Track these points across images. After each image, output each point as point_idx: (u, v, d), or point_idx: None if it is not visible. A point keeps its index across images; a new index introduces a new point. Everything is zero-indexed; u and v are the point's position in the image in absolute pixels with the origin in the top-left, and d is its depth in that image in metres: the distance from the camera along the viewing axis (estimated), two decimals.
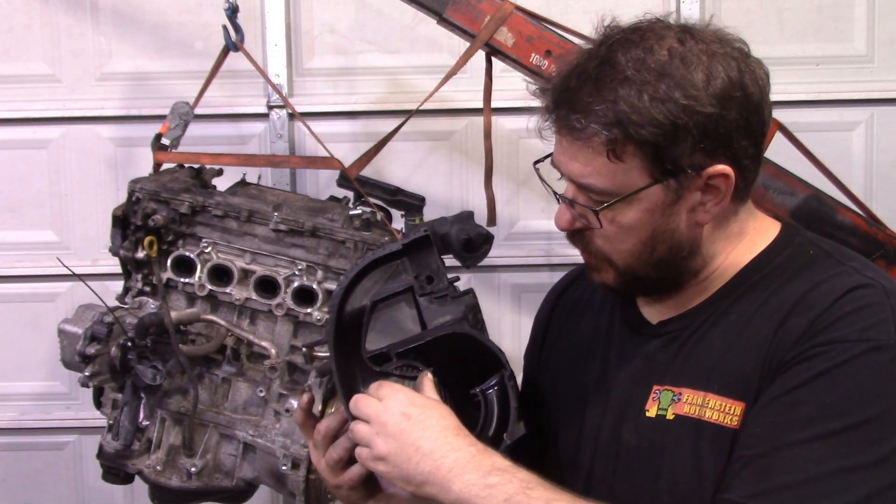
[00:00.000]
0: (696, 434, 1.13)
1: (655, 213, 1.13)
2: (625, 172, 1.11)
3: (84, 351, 1.99)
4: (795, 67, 2.84)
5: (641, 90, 1.07)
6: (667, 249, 1.16)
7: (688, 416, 1.14)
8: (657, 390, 1.19)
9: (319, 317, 1.97)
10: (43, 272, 2.89)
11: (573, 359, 1.37)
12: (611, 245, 1.17)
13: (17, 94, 2.88)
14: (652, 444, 1.18)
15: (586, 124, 1.10)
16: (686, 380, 1.17)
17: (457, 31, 2.21)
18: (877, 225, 2.28)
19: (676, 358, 1.20)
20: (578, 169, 1.15)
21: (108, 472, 2.08)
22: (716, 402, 1.12)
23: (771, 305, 1.14)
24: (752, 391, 1.10)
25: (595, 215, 1.14)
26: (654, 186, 1.11)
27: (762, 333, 1.12)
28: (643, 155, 1.09)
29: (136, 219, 2.04)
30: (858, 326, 1.06)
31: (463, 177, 2.90)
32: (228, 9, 2.28)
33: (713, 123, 1.09)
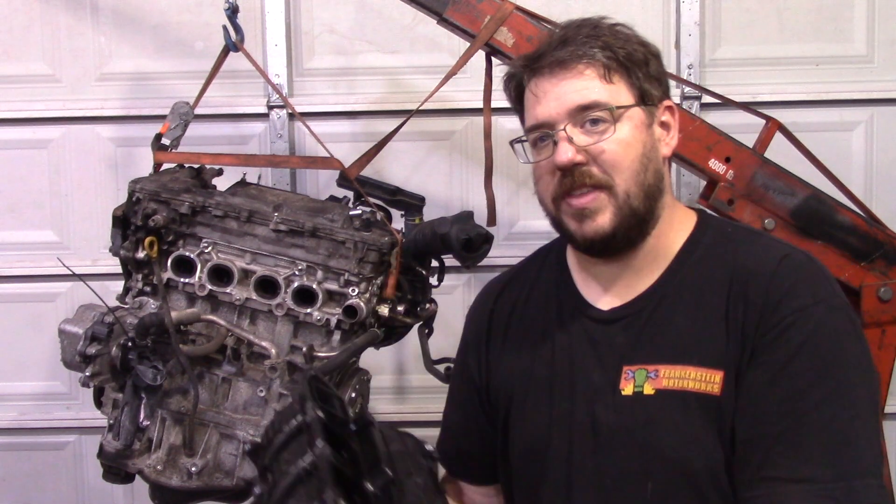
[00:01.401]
0: (682, 404, 1.24)
1: (643, 131, 1.34)
2: (617, 92, 1.33)
3: (84, 351, 2.00)
4: (795, 67, 2.85)
5: (617, 35, 1.37)
6: (654, 173, 1.33)
7: (669, 389, 1.26)
8: (629, 370, 1.30)
9: (319, 317, 1.97)
10: (43, 272, 2.89)
11: (526, 352, 1.44)
12: (616, 164, 1.31)
13: (17, 94, 2.88)
14: (634, 420, 1.28)
15: (586, 51, 1.32)
16: (658, 357, 1.28)
17: (457, 31, 2.21)
18: (877, 225, 2.28)
19: (640, 339, 1.31)
20: (578, 94, 1.32)
21: (108, 472, 2.08)
22: (695, 373, 1.24)
23: (716, 279, 1.29)
24: (728, 359, 1.23)
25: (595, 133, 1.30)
26: (638, 107, 1.34)
27: (718, 305, 1.27)
28: (626, 80, 1.34)
29: (136, 219, 2.04)
30: (809, 291, 1.24)
31: (463, 177, 2.90)
32: (228, 9, 2.28)
33: (659, 68, 1.39)
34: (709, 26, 2.84)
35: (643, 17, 2.85)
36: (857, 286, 2.23)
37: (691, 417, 1.24)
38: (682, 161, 2.24)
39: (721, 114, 2.68)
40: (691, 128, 2.19)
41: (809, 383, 1.19)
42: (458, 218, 2.06)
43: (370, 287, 1.98)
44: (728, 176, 2.20)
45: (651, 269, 1.36)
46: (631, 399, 1.29)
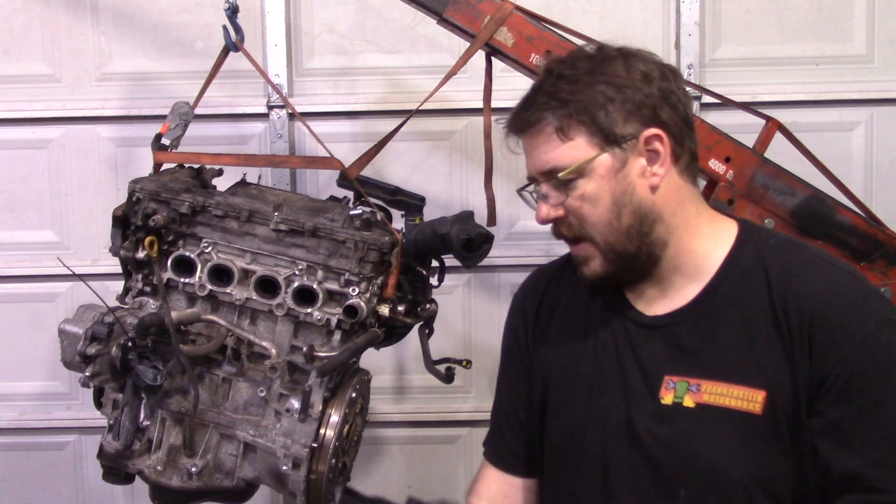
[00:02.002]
0: (721, 419, 1.26)
1: (609, 180, 1.31)
2: (575, 148, 1.31)
3: (84, 351, 1.99)
4: (795, 67, 2.85)
5: (574, 81, 1.32)
6: (631, 215, 1.32)
7: (710, 405, 1.27)
8: (670, 380, 1.31)
9: (320, 317, 1.97)
10: (43, 272, 2.89)
11: (568, 342, 1.46)
12: (585, 221, 1.32)
13: (17, 94, 2.88)
14: (671, 429, 1.30)
15: (536, 115, 1.32)
16: (701, 371, 1.29)
17: (457, 31, 2.21)
18: (877, 225, 2.28)
19: (682, 351, 1.32)
20: (540, 159, 1.33)
21: (108, 472, 2.08)
22: (738, 391, 1.26)
23: (761, 297, 1.28)
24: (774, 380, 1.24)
25: (561, 190, 1.31)
26: (601, 155, 1.30)
27: (763, 324, 1.26)
28: (585, 129, 1.30)
29: (136, 219, 2.04)
30: (868, 314, 1.25)
31: (463, 177, 2.90)
32: (228, 9, 2.28)
33: (638, 96, 1.32)
34: (709, 26, 2.85)
35: (643, 17, 2.85)
36: None
37: (729, 433, 1.26)
38: None
39: (721, 114, 2.68)
40: None
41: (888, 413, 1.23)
42: (459, 218, 2.06)
43: (370, 287, 1.98)
44: (728, 176, 2.21)
45: (691, 282, 1.36)
46: (670, 409, 1.31)
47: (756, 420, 1.26)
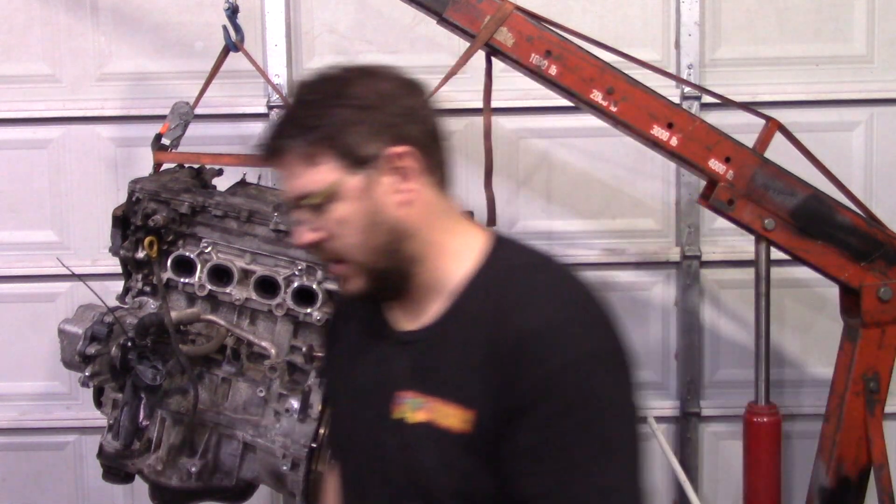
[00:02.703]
0: (439, 436, 1.30)
1: (360, 202, 1.32)
2: (323, 173, 1.30)
3: (84, 351, 1.99)
4: (795, 67, 2.85)
5: (316, 106, 1.33)
6: (384, 234, 1.33)
7: (431, 422, 1.32)
8: (404, 396, 1.35)
9: (319, 317, 1.97)
10: (43, 272, 2.89)
11: (344, 361, 1.52)
12: (340, 243, 1.33)
13: (18, 94, 2.88)
14: (398, 442, 1.35)
15: (281, 143, 1.32)
16: (430, 389, 1.33)
17: (457, 31, 2.21)
18: (877, 225, 2.28)
19: (418, 367, 1.36)
20: (291, 186, 1.33)
21: (108, 472, 2.08)
22: (454, 410, 1.29)
23: (486, 321, 1.30)
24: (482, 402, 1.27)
25: (314, 215, 1.32)
26: (349, 178, 1.31)
27: (485, 346, 1.29)
28: (331, 154, 1.30)
29: (136, 219, 2.04)
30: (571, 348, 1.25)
31: (463, 177, 2.89)
32: (228, 9, 2.28)
33: (381, 116, 1.32)
34: (709, 26, 2.84)
35: (643, 17, 2.85)
36: (857, 286, 2.23)
37: (444, 449, 1.31)
38: (682, 161, 2.24)
39: (721, 114, 2.68)
40: (691, 128, 2.19)
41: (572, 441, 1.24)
42: None
43: None
44: (728, 176, 2.20)
45: (437, 300, 1.37)
46: (399, 423, 1.35)
47: (465, 439, 1.28)
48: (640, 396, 1.29)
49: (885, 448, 2.29)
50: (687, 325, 2.91)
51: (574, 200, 2.90)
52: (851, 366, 2.28)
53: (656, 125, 2.18)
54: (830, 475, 2.31)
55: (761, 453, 2.35)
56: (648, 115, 2.18)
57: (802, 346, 2.92)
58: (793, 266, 2.44)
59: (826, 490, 2.33)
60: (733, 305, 2.90)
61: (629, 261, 2.90)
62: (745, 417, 2.37)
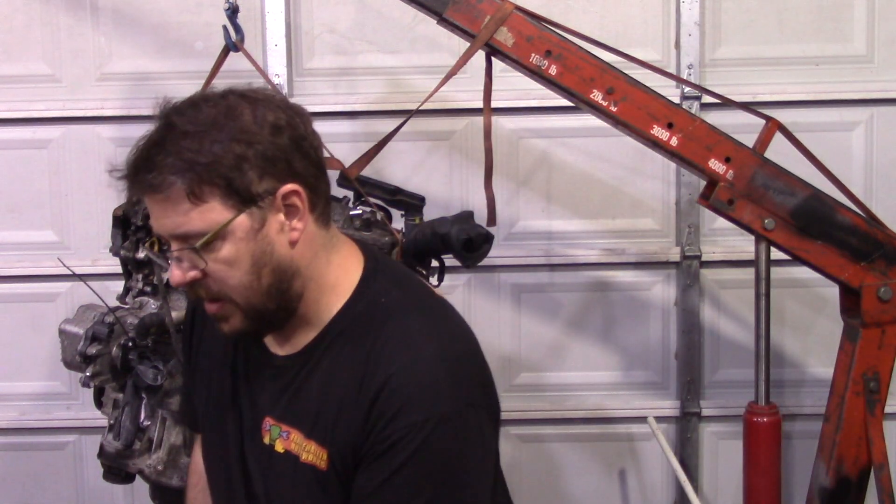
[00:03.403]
0: (295, 469, 1.31)
1: (249, 242, 1.24)
2: (209, 211, 1.22)
3: (85, 351, 1.99)
4: (795, 67, 2.85)
5: (201, 138, 1.22)
6: (271, 274, 1.27)
7: (291, 453, 1.32)
8: (268, 422, 1.35)
9: None
10: (43, 272, 2.89)
11: (211, 369, 1.48)
12: (224, 284, 1.26)
13: (18, 94, 2.88)
14: (266, 469, 1.36)
15: (162, 178, 1.21)
16: (291, 419, 1.33)
17: (457, 31, 2.21)
18: (877, 225, 2.28)
19: (284, 396, 1.34)
20: (171, 223, 1.24)
21: (108, 472, 2.08)
22: (311, 446, 1.30)
23: (353, 360, 1.28)
24: (336, 441, 1.28)
25: (198, 256, 1.24)
26: (238, 217, 1.23)
27: (346, 389, 1.28)
28: (219, 191, 1.22)
29: (136, 219, 2.04)
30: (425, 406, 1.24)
31: (463, 177, 2.90)
32: (228, 9, 2.28)
33: (271, 150, 1.24)
34: (709, 26, 2.84)
35: (643, 17, 2.85)
36: (857, 286, 2.23)
37: (302, 483, 1.31)
38: (682, 161, 2.24)
39: (721, 114, 2.68)
40: (691, 128, 2.19)
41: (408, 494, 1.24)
42: (458, 218, 2.06)
43: None
44: (728, 176, 2.20)
45: (307, 331, 1.34)
46: (267, 449, 1.35)
47: (322, 475, 1.29)
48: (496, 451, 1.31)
49: (885, 448, 2.28)
50: (687, 325, 2.91)
51: (574, 200, 2.90)
52: (851, 366, 2.28)
53: (656, 125, 2.18)
54: (830, 475, 2.31)
55: (761, 453, 2.35)
56: (648, 115, 2.18)
57: (802, 346, 2.92)
58: (793, 266, 2.45)
59: (826, 490, 2.33)
60: (733, 305, 2.90)
61: (629, 261, 2.90)
62: (745, 417, 2.37)
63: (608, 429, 2.96)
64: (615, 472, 3.01)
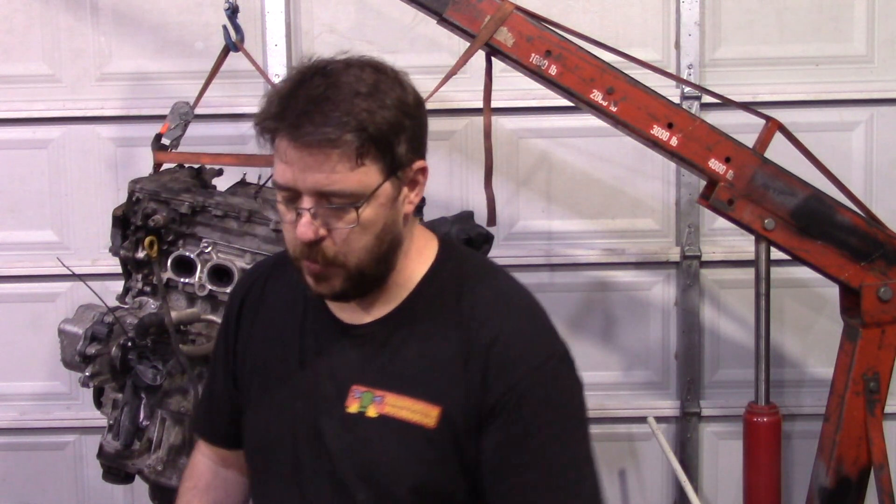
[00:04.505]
0: (399, 430, 1.32)
1: (386, 208, 1.30)
2: (366, 174, 1.26)
3: (84, 351, 2.00)
4: (795, 67, 2.85)
5: (371, 101, 1.26)
6: (390, 242, 1.33)
7: (390, 416, 1.33)
8: (357, 389, 1.35)
9: None
10: (43, 272, 2.89)
11: (268, 351, 1.48)
12: (348, 246, 1.29)
13: (18, 94, 2.88)
14: (353, 437, 1.35)
15: (337, 134, 1.23)
16: (385, 384, 1.34)
17: (457, 31, 2.21)
18: (877, 225, 2.28)
19: (374, 362, 1.36)
20: (324, 179, 1.25)
21: (108, 472, 2.08)
22: (418, 405, 1.31)
23: (448, 319, 1.34)
24: (450, 398, 1.31)
25: (337, 214, 1.27)
26: (385, 183, 1.28)
27: (447, 345, 1.32)
28: (380, 156, 1.26)
29: (136, 219, 2.04)
30: (542, 347, 1.33)
31: (463, 177, 2.90)
32: (228, 9, 2.28)
33: (418, 125, 1.32)
34: (709, 26, 2.85)
35: (643, 17, 2.85)
36: (857, 286, 2.23)
37: (406, 443, 1.32)
38: (682, 161, 2.24)
39: (721, 114, 2.68)
40: (691, 128, 2.19)
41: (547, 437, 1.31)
42: (458, 218, 2.06)
43: None
44: (728, 176, 2.20)
45: (389, 299, 1.37)
46: (354, 417, 1.35)
47: (430, 434, 1.31)
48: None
49: (885, 448, 2.29)
50: (687, 325, 2.91)
51: (574, 200, 2.90)
52: (851, 366, 2.28)
53: (656, 125, 2.18)
54: (830, 475, 2.31)
55: (761, 453, 2.35)
56: (648, 115, 2.18)
57: (802, 346, 2.92)
58: (793, 266, 2.45)
59: (826, 490, 2.33)
60: (733, 305, 2.90)
61: (629, 261, 2.90)
62: (745, 417, 2.38)
63: (608, 429, 2.96)
64: (615, 472, 3.01)
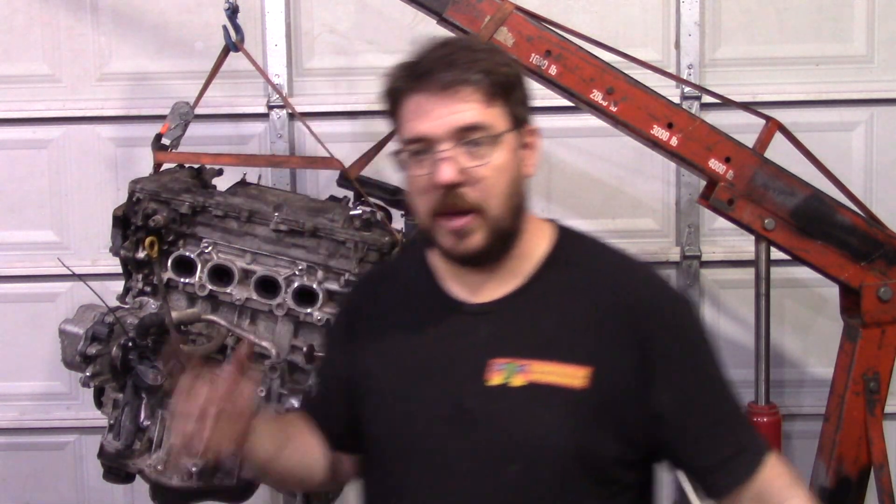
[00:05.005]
0: (547, 395, 1.37)
1: (514, 156, 1.39)
2: (495, 117, 1.37)
3: (85, 351, 2.00)
4: (795, 67, 2.85)
5: (491, 55, 1.40)
6: (520, 195, 1.41)
7: (537, 382, 1.37)
8: (498, 363, 1.39)
9: (320, 317, 1.97)
10: (43, 272, 2.89)
11: (391, 343, 1.52)
12: (487, 189, 1.36)
13: (18, 94, 2.88)
14: (500, 408, 1.38)
15: (466, 76, 1.34)
16: (528, 352, 1.39)
17: (457, 31, 2.21)
18: (877, 225, 2.28)
19: (511, 335, 1.42)
20: (458, 114, 1.34)
21: (108, 472, 2.08)
22: (563, 369, 1.37)
23: (582, 286, 1.44)
24: (599, 357, 1.37)
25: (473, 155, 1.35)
26: (511, 131, 1.38)
27: (589, 309, 1.41)
28: (505, 103, 1.38)
29: (136, 219, 2.04)
30: (674, 294, 1.50)
31: None
32: (228, 9, 2.28)
33: (526, 91, 1.44)
34: (709, 26, 2.84)
35: (643, 17, 2.85)
36: (857, 286, 2.23)
37: (556, 408, 1.36)
38: (682, 161, 2.24)
39: (721, 114, 2.68)
40: (691, 128, 2.19)
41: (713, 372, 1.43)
42: None
43: None
44: (728, 176, 2.20)
45: (515, 273, 1.44)
46: (499, 389, 1.38)
47: (581, 394, 1.36)
48: None
49: (885, 448, 2.29)
50: None
51: (574, 200, 2.90)
52: (851, 366, 2.28)
53: (656, 125, 2.18)
54: (830, 475, 2.31)
55: None
56: (648, 115, 2.18)
57: (802, 346, 2.92)
58: (793, 266, 2.44)
59: (826, 490, 2.33)
60: (733, 305, 2.90)
61: None
62: None
63: None
64: None
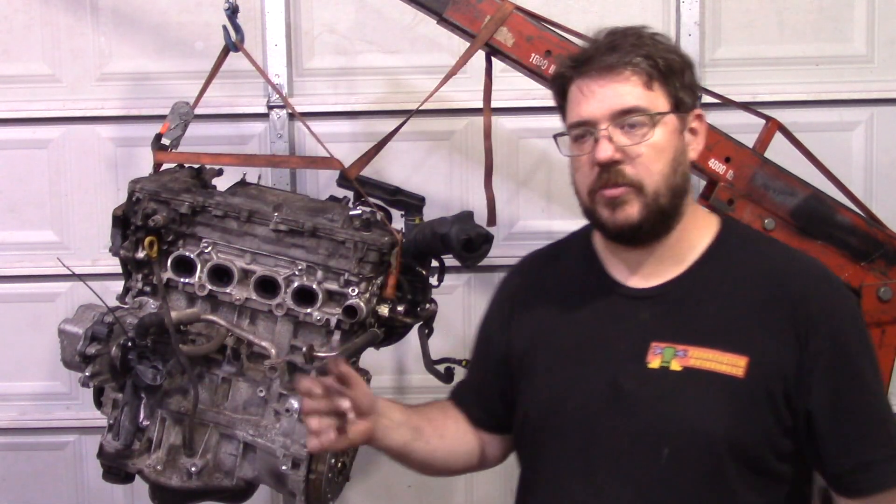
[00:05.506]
0: (706, 381, 1.40)
1: (675, 137, 1.45)
2: (656, 99, 1.44)
3: (84, 351, 2.00)
4: (795, 67, 2.85)
5: (658, 45, 1.47)
6: (681, 176, 1.47)
7: (696, 368, 1.41)
8: (657, 346, 1.43)
9: (319, 317, 1.97)
10: (43, 272, 2.89)
11: (550, 320, 1.57)
12: (646, 168, 1.43)
13: (17, 94, 2.88)
14: (657, 390, 1.42)
15: (628, 58, 1.43)
16: (687, 338, 1.43)
17: (457, 31, 2.21)
18: (877, 225, 2.28)
19: (672, 320, 1.46)
20: (619, 96, 1.42)
21: (108, 472, 2.08)
22: (723, 357, 1.40)
23: (746, 278, 1.46)
24: (759, 348, 1.40)
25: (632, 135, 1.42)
26: (672, 114, 1.45)
27: (749, 300, 1.44)
28: (666, 87, 1.45)
29: (136, 219, 2.04)
30: (840, 292, 1.48)
31: (463, 177, 2.90)
32: (228, 9, 2.28)
33: (693, 78, 1.51)
34: (709, 26, 2.84)
35: (643, 17, 2.85)
36: (857, 286, 2.23)
37: (713, 394, 1.39)
38: None
39: (721, 114, 2.68)
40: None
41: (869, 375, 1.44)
42: (458, 218, 2.06)
43: (370, 287, 1.98)
44: (728, 176, 2.21)
45: (676, 261, 1.49)
46: (658, 372, 1.42)
47: (738, 383, 1.38)
48: None
49: None
50: None
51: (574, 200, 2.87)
52: None
53: None
54: None
55: None
56: None
57: None
58: None
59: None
60: None
61: None
62: None
63: None
64: None
